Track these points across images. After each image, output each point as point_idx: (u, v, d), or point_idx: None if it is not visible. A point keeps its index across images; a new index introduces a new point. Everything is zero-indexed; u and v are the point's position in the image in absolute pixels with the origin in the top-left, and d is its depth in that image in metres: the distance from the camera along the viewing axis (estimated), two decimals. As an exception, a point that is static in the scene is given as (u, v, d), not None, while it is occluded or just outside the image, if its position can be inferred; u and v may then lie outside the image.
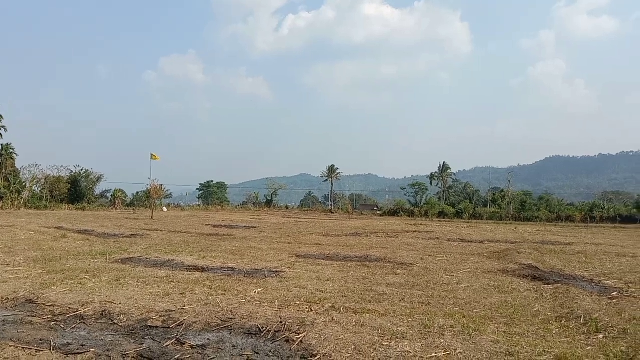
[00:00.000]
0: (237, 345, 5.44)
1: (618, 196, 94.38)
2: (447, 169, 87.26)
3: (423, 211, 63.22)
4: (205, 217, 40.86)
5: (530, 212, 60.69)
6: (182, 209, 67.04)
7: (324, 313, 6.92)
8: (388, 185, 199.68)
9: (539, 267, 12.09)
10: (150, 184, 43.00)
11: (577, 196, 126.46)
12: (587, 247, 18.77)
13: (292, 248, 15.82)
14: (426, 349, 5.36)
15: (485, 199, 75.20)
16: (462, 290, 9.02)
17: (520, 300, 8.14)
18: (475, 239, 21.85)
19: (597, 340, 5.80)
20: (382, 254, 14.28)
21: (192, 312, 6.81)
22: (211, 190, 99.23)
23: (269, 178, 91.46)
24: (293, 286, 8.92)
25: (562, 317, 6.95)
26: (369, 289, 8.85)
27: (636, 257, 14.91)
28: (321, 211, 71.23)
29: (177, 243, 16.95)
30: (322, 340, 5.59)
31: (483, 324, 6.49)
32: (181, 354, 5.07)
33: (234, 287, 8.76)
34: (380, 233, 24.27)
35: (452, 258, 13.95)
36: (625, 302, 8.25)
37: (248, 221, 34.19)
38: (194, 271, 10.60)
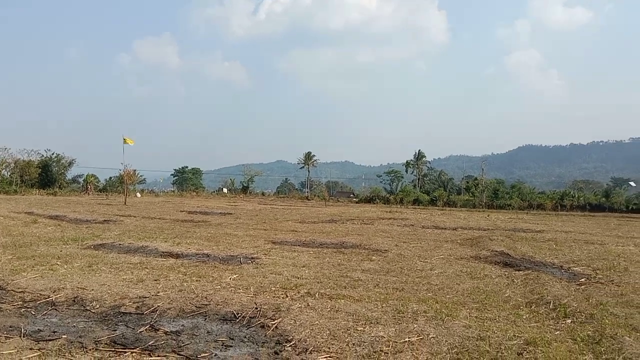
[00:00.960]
0: (212, 331, 5.44)
1: (588, 185, 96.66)
2: (422, 157, 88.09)
3: (398, 198, 63.75)
4: (179, 203, 40.48)
5: (502, 200, 61.74)
6: (156, 194, 66.29)
7: (300, 299, 6.95)
8: (364, 172, 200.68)
9: (510, 254, 12.34)
10: (124, 169, 42.31)
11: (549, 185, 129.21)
12: (557, 234, 19.21)
13: (268, 235, 15.81)
14: (399, 333, 5.44)
15: (459, 187, 76.24)
16: (435, 276, 9.16)
17: (491, 286, 8.31)
18: (448, 226, 22.16)
19: (565, 325, 5.96)
20: (358, 241, 14.38)
21: (166, 299, 6.77)
22: (186, 176, 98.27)
23: (245, 164, 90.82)
24: (269, 272, 8.93)
25: (532, 303, 7.12)
26: (344, 275, 8.92)
27: (604, 245, 15.33)
28: (297, 198, 71.22)
29: (151, 229, 16.77)
30: (297, 326, 5.63)
31: (455, 309, 6.61)
32: (155, 340, 5.04)
33: (209, 273, 8.73)
34: (356, 220, 24.41)
35: (426, 245, 14.13)
36: (593, 288, 8.50)
37: (224, 207, 34.01)
38: (168, 257, 10.52)
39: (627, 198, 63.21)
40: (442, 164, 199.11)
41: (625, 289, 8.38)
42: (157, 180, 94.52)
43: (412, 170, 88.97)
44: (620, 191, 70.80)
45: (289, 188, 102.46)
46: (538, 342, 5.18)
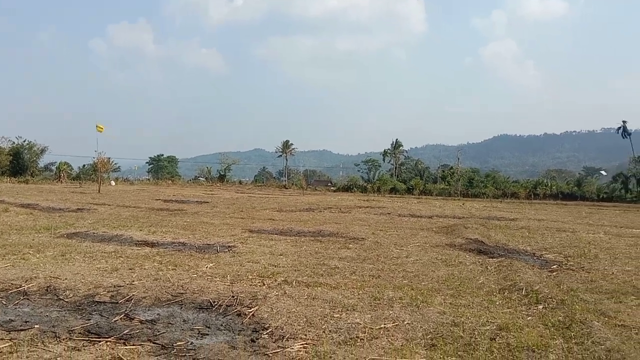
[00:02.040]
0: (188, 319, 5.41)
1: (560, 174, 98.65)
2: (399, 146, 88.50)
3: (375, 187, 64.17)
4: (155, 191, 40.03)
5: (477, 188, 62.66)
6: (131, 183, 65.40)
7: (277, 287, 6.96)
8: (342, 161, 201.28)
9: (484, 242, 12.54)
10: (97, 156, 41.65)
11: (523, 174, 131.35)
12: (530, 222, 19.59)
13: (245, 223, 15.75)
14: (375, 320, 5.50)
15: (435, 176, 76.99)
16: (411, 263, 9.26)
17: (466, 273, 8.44)
18: (424, 214, 22.40)
19: (537, 311, 6.10)
20: (335, 229, 14.43)
21: (141, 287, 6.70)
22: (161, 164, 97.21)
23: (222, 153, 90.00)
24: (246, 261, 8.91)
25: (505, 289, 7.25)
26: (322, 263, 8.95)
27: (575, 232, 15.70)
28: (275, 186, 71.11)
29: (125, 218, 16.55)
30: (274, 314, 5.63)
31: (430, 296, 6.70)
32: (130, 329, 4.99)
33: (185, 262, 8.67)
34: (334, 208, 24.50)
35: (402, 233, 14.26)
36: (564, 274, 8.70)
37: (200, 196, 33.75)
38: (143, 246, 10.40)
39: (598, 187, 64.81)
40: (419, 153, 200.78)
41: (595, 275, 8.60)
42: (131, 169, 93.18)
43: (390, 159, 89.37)
44: (591, 180, 72.49)
45: (266, 177, 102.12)
46: (510, 327, 5.28)
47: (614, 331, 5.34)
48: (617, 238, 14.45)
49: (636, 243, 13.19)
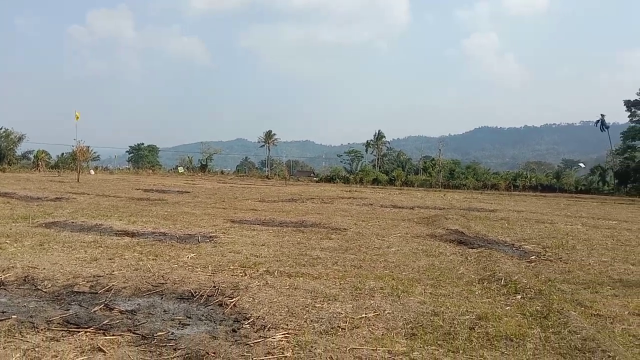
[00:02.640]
0: (169, 310, 5.38)
1: (540, 166, 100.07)
2: (382, 137, 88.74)
3: (358, 178, 64.33)
4: (135, 181, 39.59)
5: (458, 180, 63.24)
6: (111, 172, 64.61)
7: (258, 277, 6.95)
8: (325, 152, 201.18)
9: (464, 232, 12.68)
10: (76, 145, 41.01)
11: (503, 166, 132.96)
12: (510, 213, 19.85)
13: (227, 213, 15.69)
14: (357, 309, 5.53)
15: (417, 167, 77.41)
16: (392, 254, 9.32)
17: (446, 264, 8.53)
18: (406, 205, 22.55)
19: (515, 301, 6.19)
20: (317, 220, 14.45)
21: (121, 277, 6.64)
22: (142, 154, 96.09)
23: (204, 142, 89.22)
24: (227, 251, 8.88)
25: (484, 279, 7.35)
26: (304, 253, 8.96)
27: (554, 224, 15.95)
28: (257, 177, 70.85)
29: (105, 207, 16.35)
30: (256, 304, 5.63)
31: (411, 285, 6.76)
32: (110, 320, 4.95)
33: (165, 252, 8.61)
34: (316, 199, 24.52)
35: (384, 223, 14.34)
36: (542, 265, 8.84)
37: (181, 186, 33.49)
38: (123, 236, 10.29)
39: (577, 179, 65.93)
40: (401, 144, 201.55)
41: (573, 266, 8.76)
42: (111, 157, 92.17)
43: (372, 150, 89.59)
44: (570, 172, 73.70)
45: (248, 167, 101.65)
46: (489, 317, 5.36)
47: (590, 320, 5.45)
48: (594, 229, 14.72)
49: (612, 234, 13.46)
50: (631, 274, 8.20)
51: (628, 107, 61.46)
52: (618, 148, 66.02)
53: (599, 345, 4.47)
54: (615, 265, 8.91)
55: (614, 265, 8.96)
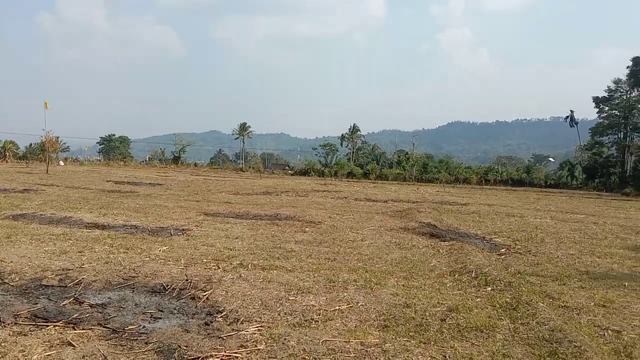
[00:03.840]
0: (140, 303, 5.31)
1: (511, 161, 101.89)
2: (357, 131, 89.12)
3: (333, 171, 64.49)
4: (106, 172, 38.86)
5: (431, 174, 63.96)
6: (81, 163, 63.26)
7: (232, 270, 6.91)
8: (300, 145, 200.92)
9: (437, 225, 12.83)
10: (45, 135, 39.99)
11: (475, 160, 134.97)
12: (481, 207, 20.17)
13: (200, 206, 15.54)
14: (330, 302, 5.55)
15: (391, 161, 78.03)
16: (366, 246, 9.38)
17: (418, 256, 8.62)
18: (380, 198, 22.70)
19: (485, 293, 6.30)
20: (292, 213, 14.43)
21: (91, 271, 6.52)
22: (113, 145, 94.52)
23: (177, 134, 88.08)
24: (200, 244, 8.79)
25: (455, 272, 7.46)
26: (278, 246, 8.95)
27: (523, 217, 16.27)
28: (232, 169, 70.33)
29: (75, 199, 16.02)
30: (229, 297, 5.60)
31: (384, 278, 6.82)
32: (80, 313, 4.86)
33: (137, 245, 8.48)
34: (291, 192, 24.48)
35: (358, 216, 14.41)
36: (512, 257, 9.02)
37: (153, 178, 33.03)
38: (93, 229, 10.10)
39: (546, 174, 67.39)
40: (376, 138, 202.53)
41: (541, 258, 8.96)
42: (81, 149, 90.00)
43: (347, 144, 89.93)
44: (540, 167, 75.22)
45: (222, 159, 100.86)
46: (460, 308, 5.45)
47: (557, 312, 5.60)
48: (562, 223, 15.07)
49: (580, 228, 13.81)
50: (597, 267, 8.44)
51: (596, 103, 63.04)
52: (586, 143, 67.72)
53: (566, 336, 4.58)
54: (582, 258, 9.15)
55: (581, 258, 9.20)
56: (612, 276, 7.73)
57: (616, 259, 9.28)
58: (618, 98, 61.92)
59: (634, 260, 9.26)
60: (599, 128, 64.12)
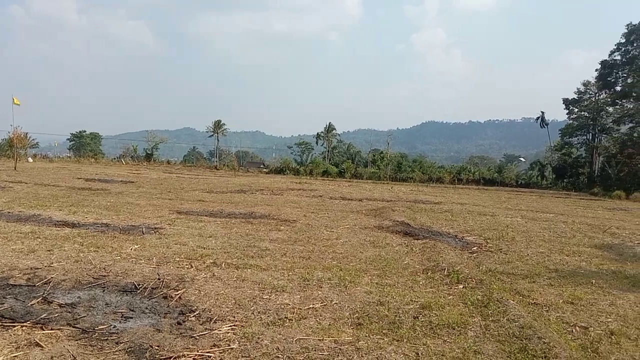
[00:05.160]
0: (111, 302, 5.22)
1: (483, 160, 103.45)
2: (332, 130, 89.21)
3: (308, 170, 64.43)
4: (76, 169, 38.07)
5: (405, 173, 64.48)
6: (51, 160, 61.77)
7: (205, 269, 6.85)
8: (275, 143, 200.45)
9: (410, 224, 12.94)
10: (13, 131, 38.94)
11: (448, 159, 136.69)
12: (454, 206, 20.42)
13: (173, 204, 15.35)
14: (304, 300, 5.55)
15: (366, 160, 78.33)
16: (340, 245, 9.41)
17: (392, 254, 8.69)
18: (355, 197, 22.78)
19: (457, 290, 6.39)
20: (267, 211, 14.38)
21: (60, 270, 6.38)
22: (84, 141, 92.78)
23: (150, 130, 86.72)
24: (173, 243, 8.69)
25: (428, 270, 7.54)
26: (252, 245, 8.90)
27: (495, 216, 16.53)
28: (206, 167, 69.63)
29: (44, 197, 15.65)
30: (202, 296, 5.55)
31: (358, 276, 6.85)
32: (48, 313, 4.75)
33: (108, 243, 8.33)
34: (266, 190, 24.37)
35: (333, 215, 14.44)
36: (484, 256, 9.16)
37: (125, 175, 32.49)
38: (63, 227, 9.89)
39: (517, 173, 68.64)
40: (351, 137, 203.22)
41: (512, 256, 9.12)
42: (51, 145, 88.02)
43: (322, 143, 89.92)
44: (511, 167, 76.60)
45: (196, 157, 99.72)
46: (433, 306, 5.51)
47: (527, 309, 5.71)
48: (532, 222, 15.37)
49: (549, 227, 14.10)
50: (566, 265, 8.64)
51: (566, 105, 64.39)
52: (556, 144, 69.23)
53: (535, 333, 4.68)
54: (552, 256, 9.35)
55: (550, 256, 9.40)
56: (580, 274, 7.93)
57: (584, 257, 9.52)
58: (587, 100, 63.37)
59: (601, 258, 9.51)
60: (568, 129, 65.56)
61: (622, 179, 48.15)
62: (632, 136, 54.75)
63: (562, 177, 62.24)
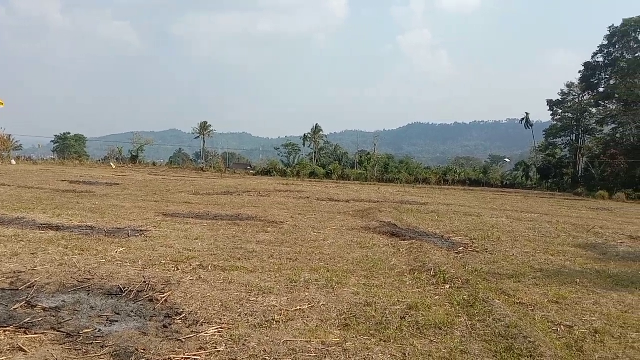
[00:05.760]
0: (96, 306, 5.16)
1: (469, 161, 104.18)
2: (319, 131, 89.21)
3: (295, 171, 64.34)
4: (61, 172, 37.63)
5: (392, 174, 64.64)
6: (35, 162, 60.96)
7: (191, 272, 6.81)
8: (262, 144, 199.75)
9: (397, 225, 12.99)
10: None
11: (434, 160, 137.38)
12: (440, 206, 20.54)
13: (159, 206, 15.23)
14: (292, 302, 5.54)
15: (353, 161, 78.48)
16: (327, 246, 9.41)
17: (379, 255, 8.71)
18: (342, 198, 22.81)
19: (444, 290, 6.43)
20: (254, 213, 14.34)
21: (44, 273, 6.30)
22: (68, 143, 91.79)
23: (135, 132, 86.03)
24: (159, 245, 8.62)
25: (415, 270, 7.58)
26: (239, 247, 8.87)
27: (480, 216, 16.66)
28: (192, 169, 69.20)
29: (27, 199, 15.44)
30: (188, 299, 5.52)
31: (345, 277, 6.86)
32: (32, 317, 4.68)
33: (93, 246, 8.24)
34: (253, 192, 24.31)
35: (320, 216, 14.45)
36: (469, 256, 9.23)
37: (110, 177, 32.19)
38: (47, 230, 9.76)
39: (502, 174, 69.27)
40: (338, 138, 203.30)
41: (497, 256, 9.20)
42: (35, 147, 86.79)
43: (309, 144, 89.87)
44: (497, 168, 77.27)
45: (182, 158, 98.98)
46: (419, 306, 5.54)
47: (513, 308, 5.76)
48: (517, 222, 15.51)
49: (534, 227, 14.25)
50: (551, 264, 8.73)
51: (550, 106, 65.19)
52: (541, 145, 70.03)
53: (521, 332, 4.72)
54: (537, 256, 9.45)
55: (535, 255, 9.50)
56: (564, 273, 8.02)
57: (568, 256, 9.64)
58: (571, 101, 64.23)
59: (585, 257, 9.63)
60: (552, 130, 66.36)
61: (606, 179, 48.83)
62: (615, 137, 55.64)
63: (547, 177, 62.93)
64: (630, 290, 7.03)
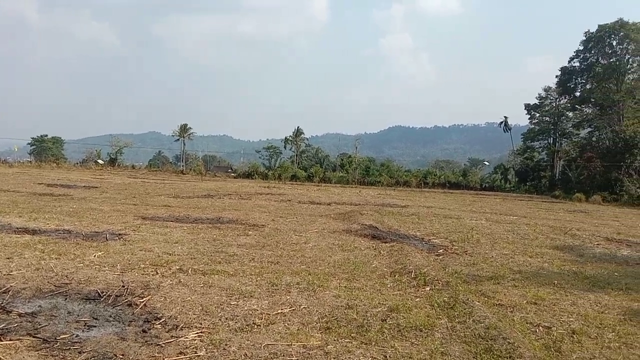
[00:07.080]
0: (74, 311, 5.07)
1: (448, 164, 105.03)
2: (300, 134, 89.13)
3: (277, 174, 64.22)
4: (37, 175, 36.97)
5: (373, 177, 64.94)
6: (10, 165, 59.84)
7: (171, 276, 6.74)
8: (243, 147, 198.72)
9: (378, 227, 13.05)
10: (-30, 136, 37.59)
11: (414, 164, 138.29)
12: (420, 209, 20.69)
13: (138, 210, 15.06)
14: (273, 305, 5.52)
15: (335, 164, 78.61)
16: (309, 249, 9.41)
17: (360, 258, 8.74)
18: (323, 201, 22.84)
19: (424, 292, 6.47)
20: (235, 216, 14.26)
21: (20, 278, 6.17)
22: (45, 146, 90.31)
23: (114, 134, 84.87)
24: (138, 249, 8.51)
25: (396, 272, 7.61)
26: (220, 250, 8.81)
27: (460, 219, 16.83)
28: (172, 172, 68.61)
29: (3, 203, 15.12)
30: (168, 303, 5.46)
31: (326, 280, 6.86)
32: (7, 323, 4.58)
33: (70, 250, 8.10)
34: (234, 195, 24.19)
35: (301, 219, 14.43)
36: (449, 258, 9.31)
37: (88, 180, 31.73)
38: (23, 234, 9.56)
39: (482, 177, 70.07)
40: (319, 141, 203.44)
41: (477, 258, 9.30)
42: (11, 149, 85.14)
43: (291, 147, 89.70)
44: (476, 171, 78.02)
45: (162, 161, 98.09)
46: (400, 308, 5.56)
47: (492, 310, 5.82)
48: (496, 224, 15.71)
49: (513, 229, 14.44)
50: (529, 266, 8.86)
51: (528, 110, 66.17)
52: (519, 148, 71.00)
53: (500, 333, 4.77)
54: (515, 258, 9.58)
55: (514, 257, 9.62)
56: (542, 275, 8.14)
57: (546, 258, 9.78)
58: (548, 105, 65.29)
59: (563, 259, 9.79)
60: (530, 133, 67.37)
61: (582, 182, 49.65)
62: (591, 140, 56.63)
63: (525, 180, 63.80)
64: (606, 291, 7.16)
